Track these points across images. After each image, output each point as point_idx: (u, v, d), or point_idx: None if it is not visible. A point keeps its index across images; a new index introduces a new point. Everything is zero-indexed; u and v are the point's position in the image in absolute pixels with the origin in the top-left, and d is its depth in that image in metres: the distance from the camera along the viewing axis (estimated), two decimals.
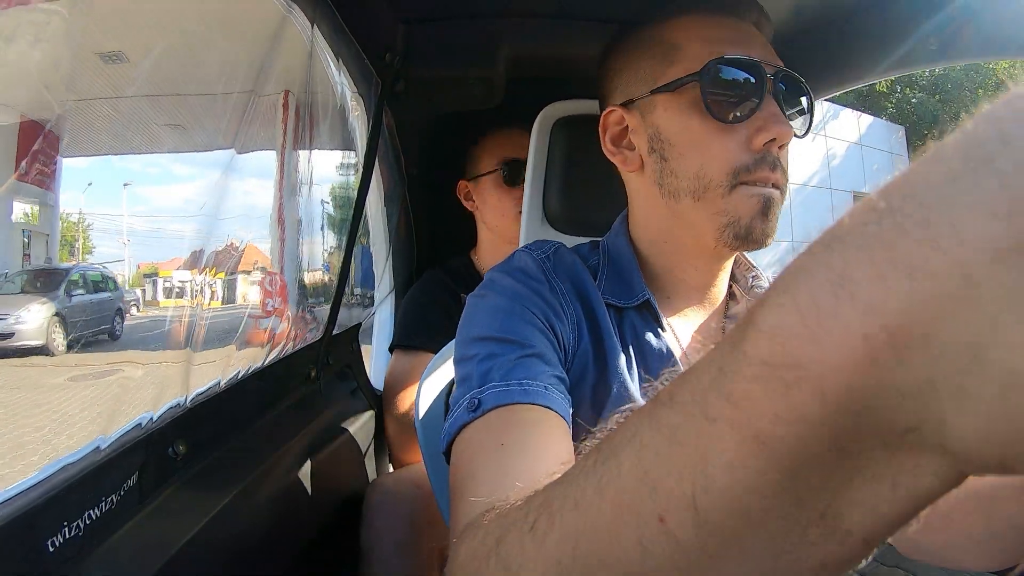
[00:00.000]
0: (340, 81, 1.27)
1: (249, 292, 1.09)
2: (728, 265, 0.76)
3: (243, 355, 1.05)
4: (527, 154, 1.27)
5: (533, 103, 1.16)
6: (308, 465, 1.09)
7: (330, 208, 1.48)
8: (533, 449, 0.53)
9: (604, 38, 0.83)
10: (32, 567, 0.53)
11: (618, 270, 0.75)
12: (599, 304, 0.72)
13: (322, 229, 1.43)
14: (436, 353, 1.09)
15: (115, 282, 0.92)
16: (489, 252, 1.58)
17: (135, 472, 0.69)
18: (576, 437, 0.64)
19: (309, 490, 1.09)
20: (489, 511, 0.41)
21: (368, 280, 1.72)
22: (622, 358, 0.69)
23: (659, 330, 0.72)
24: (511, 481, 0.48)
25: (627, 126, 0.74)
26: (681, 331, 0.74)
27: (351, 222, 1.35)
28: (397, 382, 1.49)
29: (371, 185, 1.45)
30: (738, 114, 0.66)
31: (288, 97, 0.99)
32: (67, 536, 0.57)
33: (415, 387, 1.07)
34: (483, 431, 0.57)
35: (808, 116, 0.73)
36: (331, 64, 1.17)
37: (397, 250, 1.77)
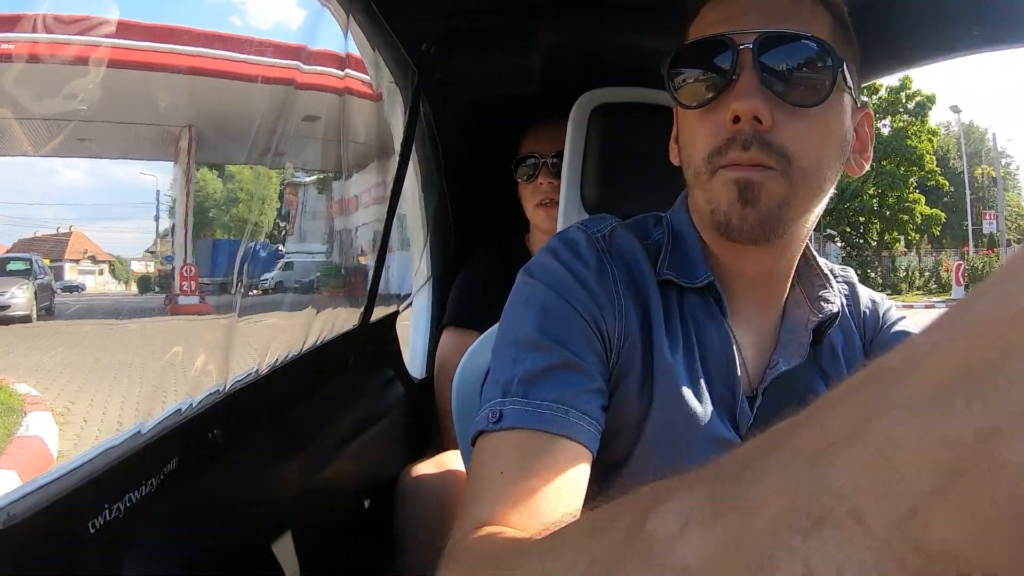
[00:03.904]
0: (376, 72, 1.27)
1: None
2: (786, 261, 0.71)
3: (281, 342, 1.08)
4: (540, 146, 1.43)
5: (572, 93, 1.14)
6: (344, 452, 1.11)
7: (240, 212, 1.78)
8: (536, 483, 0.54)
9: (641, 24, 0.81)
10: (73, 548, 0.56)
11: (682, 248, 0.71)
12: (654, 292, 0.68)
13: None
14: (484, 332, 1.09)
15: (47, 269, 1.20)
16: (534, 241, 1.58)
17: (175, 457, 0.71)
18: (618, 438, 0.65)
19: (345, 476, 1.11)
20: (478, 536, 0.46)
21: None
22: (669, 354, 0.66)
23: (721, 317, 0.69)
24: (505, 511, 0.52)
25: None
26: (739, 328, 0.70)
27: (387, 211, 1.36)
28: (448, 361, 1.49)
29: (408, 174, 1.46)
30: (707, 97, 0.63)
31: (192, 130, 1.34)
32: (108, 518, 0.59)
33: None
34: (495, 449, 0.58)
35: (817, 82, 0.62)
36: (367, 55, 1.18)
37: (435, 238, 1.78)
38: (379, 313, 1.41)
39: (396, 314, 1.59)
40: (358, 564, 1.14)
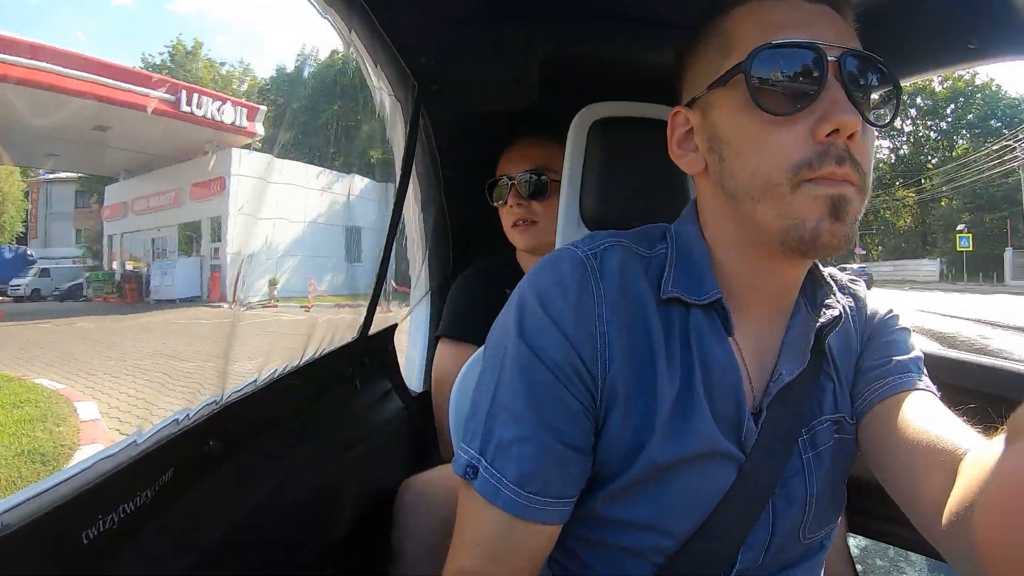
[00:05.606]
0: (378, 85, 1.28)
1: None
2: (803, 273, 0.71)
3: (279, 355, 1.07)
4: (510, 167, 1.45)
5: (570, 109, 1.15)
6: (341, 465, 1.10)
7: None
8: (496, 564, 0.64)
9: (638, 39, 0.81)
10: (66, 557, 0.55)
11: (689, 262, 0.69)
12: (652, 311, 0.67)
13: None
14: (480, 346, 1.08)
15: None
16: (521, 258, 1.59)
17: (170, 468, 0.71)
18: (613, 460, 0.66)
19: (342, 490, 1.10)
20: None
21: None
22: (667, 374, 0.65)
23: (724, 336, 0.67)
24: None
25: (691, 127, 0.70)
26: (744, 343, 0.69)
27: (389, 225, 1.36)
28: (445, 372, 1.49)
29: (408, 187, 1.46)
30: (796, 105, 0.60)
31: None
32: (101, 528, 0.58)
33: None
34: (473, 513, 0.65)
35: (892, 103, 0.64)
36: (368, 68, 1.19)
37: (433, 252, 1.78)
38: (378, 326, 1.41)
39: (395, 327, 1.59)
40: None
